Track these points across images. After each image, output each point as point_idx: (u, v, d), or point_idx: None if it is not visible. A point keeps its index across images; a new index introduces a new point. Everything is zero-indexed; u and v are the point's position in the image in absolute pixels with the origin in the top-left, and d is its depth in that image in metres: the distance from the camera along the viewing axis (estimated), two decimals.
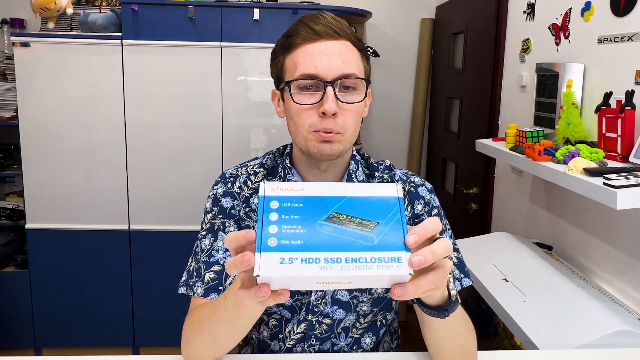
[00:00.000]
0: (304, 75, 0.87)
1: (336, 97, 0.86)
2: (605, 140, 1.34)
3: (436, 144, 3.10)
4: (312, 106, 0.88)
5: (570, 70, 1.55)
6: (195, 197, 2.49)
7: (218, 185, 1.02)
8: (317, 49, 0.87)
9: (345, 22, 0.91)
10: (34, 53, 2.43)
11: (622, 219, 1.39)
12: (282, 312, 0.99)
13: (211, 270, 0.93)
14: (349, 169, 0.99)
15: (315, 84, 0.87)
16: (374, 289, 0.98)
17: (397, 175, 1.04)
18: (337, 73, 0.86)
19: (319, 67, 0.86)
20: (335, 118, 0.87)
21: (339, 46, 0.88)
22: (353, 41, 0.90)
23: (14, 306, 2.65)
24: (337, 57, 0.87)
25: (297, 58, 0.88)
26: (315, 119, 0.88)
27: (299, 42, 0.88)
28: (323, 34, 0.87)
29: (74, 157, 2.52)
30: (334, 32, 0.88)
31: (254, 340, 1.06)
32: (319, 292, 0.97)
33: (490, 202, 2.31)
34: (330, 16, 0.90)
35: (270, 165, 1.04)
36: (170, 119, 2.51)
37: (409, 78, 3.17)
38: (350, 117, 0.89)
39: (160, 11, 2.43)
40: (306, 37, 0.88)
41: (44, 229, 2.56)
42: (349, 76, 0.87)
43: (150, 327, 2.66)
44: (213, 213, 0.99)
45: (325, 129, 0.87)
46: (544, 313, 1.27)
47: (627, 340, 1.12)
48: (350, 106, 0.89)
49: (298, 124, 0.90)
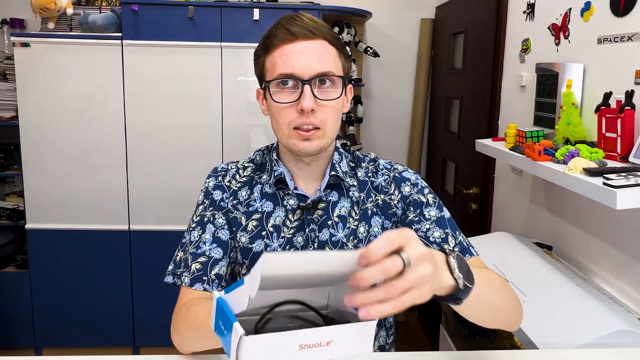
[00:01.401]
0: (282, 75, 0.91)
1: (314, 94, 0.90)
2: (605, 140, 1.34)
3: (436, 144, 3.10)
4: (291, 104, 0.92)
5: (570, 70, 1.55)
6: (195, 197, 2.48)
7: (210, 178, 1.07)
8: (294, 49, 0.91)
9: (322, 22, 0.94)
10: (34, 53, 2.43)
11: (622, 219, 1.39)
12: None
13: (197, 261, 0.97)
14: (333, 159, 1.02)
15: (294, 83, 0.91)
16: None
17: (381, 164, 1.07)
18: (313, 72, 0.90)
19: (295, 66, 0.90)
20: (313, 114, 0.91)
21: (315, 46, 0.91)
22: (330, 40, 0.93)
23: (14, 306, 2.65)
24: (313, 56, 0.90)
25: (276, 58, 0.92)
26: (295, 115, 0.92)
27: (277, 43, 0.92)
28: (299, 35, 0.91)
29: (74, 157, 2.52)
30: (310, 32, 0.91)
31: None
32: None
33: (490, 202, 2.31)
34: (307, 17, 0.93)
35: (259, 161, 1.08)
36: (170, 119, 2.51)
37: (409, 78, 3.17)
38: (329, 112, 0.93)
39: (160, 11, 2.43)
40: (283, 38, 0.91)
41: (44, 229, 2.56)
42: (326, 74, 0.91)
43: (150, 327, 2.66)
44: (204, 205, 1.04)
45: (305, 122, 0.91)
46: (544, 313, 1.27)
47: (627, 340, 1.12)
48: (328, 102, 0.92)
49: (279, 122, 0.94)
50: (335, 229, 1.00)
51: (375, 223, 1.02)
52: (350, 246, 1.00)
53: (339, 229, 1.00)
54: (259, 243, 1.00)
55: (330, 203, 1.01)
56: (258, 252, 0.99)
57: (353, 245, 1.00)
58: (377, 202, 1.03)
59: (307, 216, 1.00)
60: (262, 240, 1.00)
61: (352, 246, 1.00)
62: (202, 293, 0.95)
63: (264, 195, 1.02)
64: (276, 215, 1.00)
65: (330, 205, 1.01)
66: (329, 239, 0.99)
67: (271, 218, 1.00)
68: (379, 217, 1.02)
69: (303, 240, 0.99)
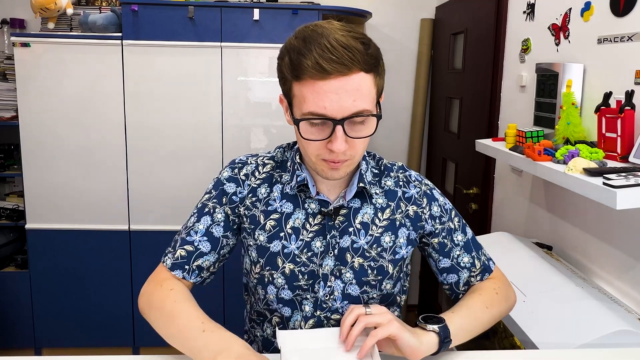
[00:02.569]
0: (313, 114, 0.85)
1: (345, 133, 0.85)
2: (605, 140, 1.34)
3: (436, 144, 3.10)
4: (321, 141, 0.87)
5: (570, 71, 1.55)
6: (196, 197, 2.47)
7: (225, 169, 1.05)
8: (327, 88, 0.82)
9: (357, 46, 0.82)
10: (34, 53, 2.43)
11: (622, 219, 1.39)
12: (282, 310, 1.00)
13: (183, 248, 0.98)
14: (360, 169, 1.00)
15: (325, 121, 0.85)
16: (384, 285, 1.00)
17: (413, 176, 1.06)
18: (347, 113, 0.84)
19: (328, 107, 0.83)
20: (344, 152, 0.87)
21: (350, 84, 0.83)
22: (365, 68, 0.84)
23: (14, 306, 2.65)
24: (347, 96, 0.83)
25: (306, 93, 0.84)
26: (324, 151, 0.88)
27: (308, 77, 0.83)
28: (332, 72, 0.81)
29: (74, 157, 2.52)
30: (345, 66, 0.81)
31: (259, 338, 1.06)
32: (327, 288, 0.98)
33: (490, 202, 2.31)
34: (342, 44, 0.81)
35: (279, 159, 1.05)
36: (170, 119, 2.51)
37: (409, 78, 3.17)
38: (360, 146, 0.90)
39: (160, 11, 2.43)
40: (315, 74, 0.82)
41: (44, 229, 2.56)
42: (360, 114, 0.85)
43: (150, 327, 2.64)
44: (210, 195, 1.03)
45: (334, 159, 0.88)
46: (544, 313, 1.27)
47: (627, 340, 1.12)
48: (360, 140, 0.89)
49: (307, 152, 0.91)
50: (357, 236, 0.99)
51: (401, 234, 1.01)
52: (373, 254, 0.99)
53: (360, 236, 0.99)
54: (277, 244, 0.98)
55: (352, 209, 1.00)
56: (275, 252, 0.98)
57: (376, 254, 0.99)
58: (407, 213, 1.02)
59: (328, 222, 0.98)
60: (280, 242, 0.98)
61: (375, 254, 0.99)
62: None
63: (284, 196, 1.00)
64: (296, 217, 0.99)
65: (352, 211, 1.00)
66: (350, 246, 0.98)
67: (290, 219, 0.99)
68: (406, 229, 1.02)
69: (322, 245, 0.98)
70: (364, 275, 0.98)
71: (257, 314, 1.06)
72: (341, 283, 0.98)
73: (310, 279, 0.98)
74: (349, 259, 0.98)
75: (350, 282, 0.98)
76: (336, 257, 0.98)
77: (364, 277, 0.98)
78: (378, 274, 0.99)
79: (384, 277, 1.00)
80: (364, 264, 0.98)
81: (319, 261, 0.98)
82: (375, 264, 0.99)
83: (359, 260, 0.98)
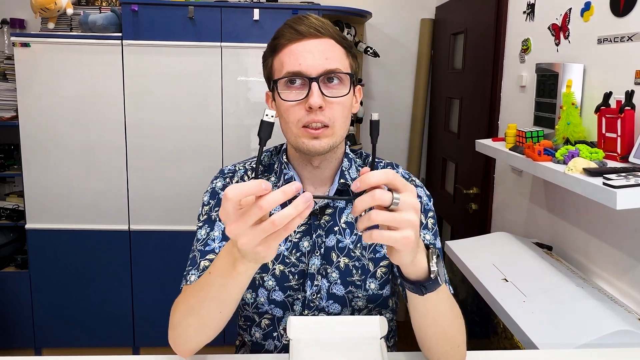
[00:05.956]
0: (289, 73, 0.91)
1: (321, 92, 0.90)
2: (605, 141, 1.34)
3: (436, 144, 3.10)
4: (299, 102, 0.91)
5: (570, 71, 1.55)
6: (196, 197, 2.47)
7: (217, 179, 1.05)
8: (302, 48, 0.91)
9: (328, 22, 0.95)
10: (34, 53, 2.43)
11: (622, 219, 1.39)
12: (273, 310, 1.00)
13: (206, 259, 0.95)
14: (342, 166, 1.01)
15: (301, 82, 0.91)
16: (368, 285, 1.00)
17: (400, 173, 1.06)
18: (320, 69, 0.90)
19: (302, 64, 0.90)
20: (322, 111, 0.90)
21: (322, 44, 0.92)
22: (336, 39, 0.94)
23: (14, 306, 2.65)
24: (320, 54, 0.91)
25: (283, 58, 0.92)
26: (303, 113, 0.91)
27: (284, 43, 0.93)
28: (306, 34, 0.91)
29: (74, 157, 2.52)
30: (317, 31, 0.92)
31: (248, 343, 1.06)
32: (314, 287, 0.98)
33: (490, 202, 2.31)
34: (314, 17, 0.94)
35: (267, 162, 1.07)
36: (170, 119, 2.51)
37: (408, 78, 3.17)
38: (338, 110, 0.92)
39: (160, 11, 2.43)
40: (290, 37, 0.92)
41: (44, 229, 2.56)
42: (333, 71, 0.91)
43: (150, 327, 2.66)
44: (210, 206, 1.02)
45: (313, 120, 0.90)
46: (544, 313, 1.27)
47: (627, 340, 1.12)
48: (336, 100, 0.91)
49: (287, 120, 0.93)
50: (342, 235, 1.00)
51: None
52: (357, 253, 0.99)
53: (345, 235, 1.00)
54: None
55: (338, 209, 1.01)
56: None
57: (359, 253, 1.00)
58: None
59: (314, 221, 0.99)
60: None
61: (358, 253, 1.00)
62: None
63: None
64: None
65: (338, 211, 1.00)
66: (336, 245, 0.99)
67: None
68: None
69: (310, 245, 0.99)
70: (349, 275, 0.99)
71: (245, 319, 1.05)
72: (327, 282, 0.99)
73: (300, 278, 0.99)
74: (335, 258, 0.99)
75: (335, 282, 0.99)
76: (322, 256, 0.99)
77: (349, 277, 0.99)
78: (362, 273, 1.00)
79: (367, 275, 1.00)
80: (349, 263, 0.99)
81: (307, 260, 0.99)
82: (359, 264, 1.00)
83: (344, 260, 0.99)
